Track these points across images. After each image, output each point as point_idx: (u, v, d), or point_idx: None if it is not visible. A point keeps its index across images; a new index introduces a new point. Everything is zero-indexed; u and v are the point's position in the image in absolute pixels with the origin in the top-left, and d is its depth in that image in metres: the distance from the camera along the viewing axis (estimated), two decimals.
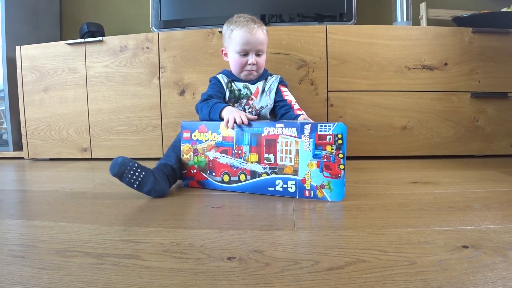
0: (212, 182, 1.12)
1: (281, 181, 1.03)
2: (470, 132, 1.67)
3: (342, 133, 0.97)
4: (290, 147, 1.02)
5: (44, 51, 1.81)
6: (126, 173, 1.00)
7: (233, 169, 1.09)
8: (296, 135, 1.01)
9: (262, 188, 1.06)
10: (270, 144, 1.05)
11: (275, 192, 1.04)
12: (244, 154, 1.08)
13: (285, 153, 1.03)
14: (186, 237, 0.73)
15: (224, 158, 1.10)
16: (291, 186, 1.02)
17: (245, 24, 1.29)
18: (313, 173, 1.00)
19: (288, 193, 1.03)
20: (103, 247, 0.69)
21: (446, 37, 1.63)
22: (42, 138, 1.84)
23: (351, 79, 1.63)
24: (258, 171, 1.06)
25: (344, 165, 0.97)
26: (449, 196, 1.02)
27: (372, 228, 0.77)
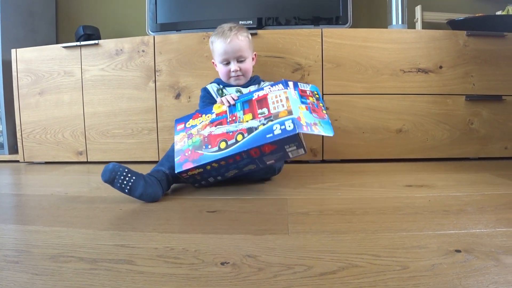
0: (208, 154, 1.08)
1: (278, 125, 1.02)
2: (465, 135, 1.68)
3: (317, 91, 1.20)
4: (280, 97, 1.09)
5: (40, 54, 1.80)
6: (117, 179, 1.01)
7: (229, 134, 1.08)
8: (282, 88, 1.11)
9: (261, 138, 1.02)
10: (261, 102, 1.11)
11: (274, 136, 1.01)
12: (239, 118, 1.10)
13: (276, 103, 1.08)
14: (180, 242, 0.74)
15: (219, 129, 1.11)
16: (289, 125, 1.01)
17: (221, 34, 1.34)
18: (304, 114, 1.06)
19: (287, 132, 1.00)
20: (97, 252, 0.69)
21: (441, 40, 1.64)
22: (38, 142, 1.84)
23: (346, 82, 1.64)
24: (254, 125, 1.06)
25: (326, 110, 1.16)
26: (443, 199, 1.02)
27: (365, 233, 0.77)
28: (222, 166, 1.10)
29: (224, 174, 1.15)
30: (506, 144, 1.69)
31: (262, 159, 1.09)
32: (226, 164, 1.09)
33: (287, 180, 1.31)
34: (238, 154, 1.05)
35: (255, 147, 1.03)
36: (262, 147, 1.03)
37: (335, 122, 1.65)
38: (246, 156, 1.06)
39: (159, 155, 1.72)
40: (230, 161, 1.07)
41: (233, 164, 1.09)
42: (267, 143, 1.01)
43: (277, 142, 1.02)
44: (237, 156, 1.05)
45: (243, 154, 1.05)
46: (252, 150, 1.04)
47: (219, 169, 1.11)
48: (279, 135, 1.00)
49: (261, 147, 1.03)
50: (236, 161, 1.08)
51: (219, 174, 1.15)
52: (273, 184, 1.25)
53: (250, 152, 1.04)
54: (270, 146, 1.03)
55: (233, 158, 1.06)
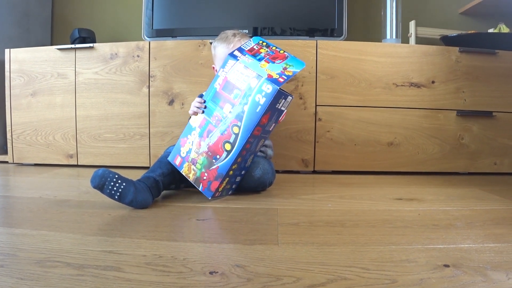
0: (223, 163, 1.07)
1: (259, 94, 1.02)
2: (455, 149, 1.70)
3: (261, 39, 1.16)
4: (239, 71, 1.07)
5: (34, 55, 1.79)
6: (106, 185, 0.99)
7: (225, 134, 1.07)
8: (234, 62, 1.09)
9: (254, 116, 1.02)
10: (227, 87, 1.09)
11: (263, 106, 1.01)
12: (221, 114, 1.09)
13: (241, 78, 1.07)
14: (169, 250, 0.73)
15: (213, 136, 1.10)
16: (267, 87, 1.01)
17: (224, 39, 1.34)
18: (269, 67, 1.05)
19: (271, 94, 1.00)
20: (85, 257, 0.68)
21: (434, 56, 1.66)
22: (28, 143, 1.82)
23: (340, 94, 1.65)
24: (239, 110, 1.05)
25: (282, 50, 1.13)
26: (432, 213, 1.03)
27: (355, 245, 0.77)
28: (240, 163, 1.10)
29: (245, 166, 1.15)
30: (495, 160, 1.71)
31: (266, 129, 1.10)
32: (243, 159, 1.10)
33: (278, 190, 1.31)
34: (247, 143, 1.06)
35: (255, 127, 1.04)
36: (260, 122, 1.04)
37: (327, 134, 1.65)
38: (253, 139, 1.07)
39: (151, 160, 1.72)
40: (243, 153, 1.08)
41: (247, 154, 1.10)
42: (262, 116, 1.02)
43: (269, 108, 1.03)
44: (247, 145, 1.06)
45: (250, 140, 1.06)
46: (256, 130, 1.05)
47: (239, 165, 1.11)
48: (266, 102, 1.01)
49: (260, 122, 1.03)
50: (248, 149, 1.09)
51: (241, 169, 1.14)
52: (264, 194, 1.25)
53: (254, 133, 1.05)
54: (266, 116, 1.04)
55: (245, 149, 1.07)
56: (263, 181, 1.24)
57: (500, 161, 1.72)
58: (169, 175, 1.16)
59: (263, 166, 1.24)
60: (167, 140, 1.70)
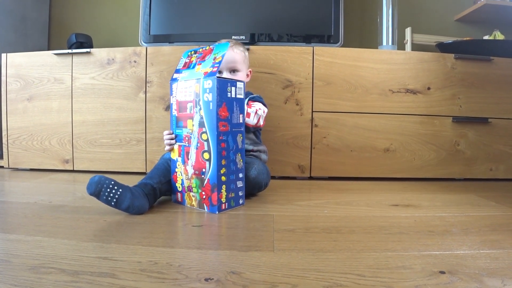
0: (211, 172, 1.06)
1: (205, 94, 1.05)
2: (451, 155, 1.70)
3: (190, 51, 1.21)
4: (183, 86, 1.13)
5: (31, 59, 1.79)
6: (103, 191, 0.99)
7: (199, 146, 1.08)
8: (176, 83, 1.16)
9: (210, 113, 1.05)
10: (182, 107, 1.14)
11: (213, 100, 1.03)
12: (189, 133, 1.11)
13: (187, 92, 1.12)
14: (164, 256, 0.73)
15: (191, 155, 1.11)
16: (208, 82, 1.05)
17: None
18: (203, 67, 1.10)
19: (214, 86, 1.03)
20: (79, 264, 0.68)
21: (430, 62, 1.67)
22: (24, 148, 1.81)
23: (336, 101, 1.66)
24: (198, 118, 1.08)
25: (208, 46, 1.16)
26: (428, 219, 1.03)
27: (351, 252, 0.77)
28: (227, 165, 1.08)
29: (238, 168, 1.12)
30: (491, 166, 1.72)
31: (234, 123, 1.10)
32: (227, 159, 1.08)
33: (274, 196, 1.31)
34: (219, 142, 1.05)
35: (217, 123, 1.04)
36: (220, 116, 1.04)
37: (323, 140, 1.66)
38: (224, 136, 1.06)
39: (147, 166, 1.71)
40: (224, 154, 1.06)
41: (230, 154, 1.09)
42: (217, 110, 1.04)
43: (220, 100, 1.04)
44: (221, 144, 1.06)
45: (220, 138, 1.05)
46: (220, 126, 1.05)
47: (229, 169, 1.09)
48: (214, 95, 1.03)
49: (219, 116, 1.04)
50: (226, 149, 1.07)
51: (236, 173, 1.12)
52: (260, 200, 1.25)
53: (221, 129, 1.05)
54: (222, 109, 1.05)
55: (222, 149, 1.06)
56: (258, 181, 1.23)
57: (496, 167, 1.73)
58: (166, 183, 1.16)
59: (258, 167, 1.24)
60: (164, 146, 1.68)
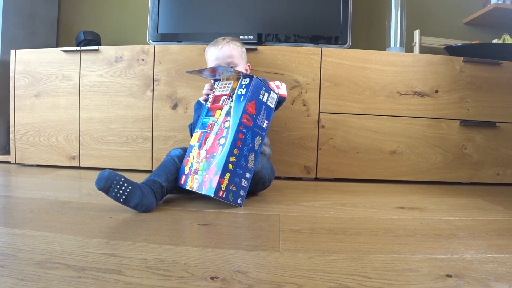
0: (220, 157, 1.08)
1: (241, 89, 1.14)
2: (458, 159, 1.69)
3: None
4: (223, 83, 1.25)
5: (39, 56, 1.80)
6: (112, 187, 0.99)
7: (219, 133, 1.12)
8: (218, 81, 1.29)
9: (239, 105, 1.11)
10: (216, 100, 1.22)
11: (245, 95, 1.12)
12: (214, 121, 1.17)
13: (225, 87, 1.23)
14: (170, 254, 0.73)
15: (209, 140, 1.14)
16: (245, 80, 1.15)
17: (214, 43, 1.41)
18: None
19: (249, 84, 1.13)
20: (85, 260, 0.68)
21: (438, 65, 1.67)
22: (31, 144, 1.82)
23: (343, 102, 1.65)
24: (227, 109, 1.15)
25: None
26: (435, 223, 1.02)
27: (357, 253, 0.77)
28: (239, 157, 1.09)
29: (247, 166, 1.13)
30: (498, 170, 1.71)
31: (257, 123, 1.14)
32: (239, 151, 1.09)
33: (280, 197, 1.31)
34: (238, 132, 1.09)
35: (242, 114, 1.10)
36: (246, 110, 1.11)
37: (330, 141, 1.65)
38: (244, 129, 1.10)
39: (153, 164, 1.72)
40: (238, 144, 1.09)
41: (244, 148, 1.10)
42: (246, 104, 1.10)
43: (251, 96, 1.12)
44: (239, 134, 1.09)
45: (240, 128, 1.09)
46: (243, 118, 1.10)
47: (239, 161, 1.10)
48: (247, 90, 1.12)
49: (246, 109, 1.11)
50: (243, 141, 1.10)
51: (244, 169, 1.12)
52: (265, 200, 1.25)
53: (244, 122, 1.10)
54: (250, 104, 1.12)
55: (239, 139, 1.09)
56: (262, 176, 1.23)
57: (503, 171, 1.72)
58: (173, 181, 1.16)
59: (261, 161, 1.24)
60: (170, 144, 1.70)
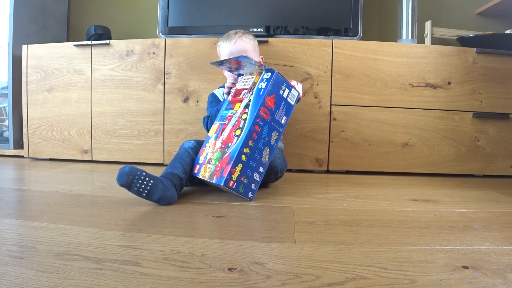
0: (234, 147, 1.08)
1: (261, 83, 1.14)
2: (471, 151, 1.68)
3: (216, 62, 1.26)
4: (246, 77, 1.25)
5: (51, 51, 1.81)
6: (134, 183, 0.99)
7: (236, 124, 1.13)
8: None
9: (258, 98, 1.11)
10: (238, 93, 1.22)
11: (265, 88, 1.11)
12: (233, 113, 1.17)
13: (247, 81, 1.23)
14: (187, 246, 0.73)
15: (226, 131, 1.15)
16: (267, 75, 1.15)
17: (226, 38, 1.41)
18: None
19: (269, 78, 1.12)
20: (103, 252, 0.69)
21: (450, 56, 1.65)
22: (44, 138, 1.84)
23: (355, 94, 1.64)
24: (246, 101, 1.15)
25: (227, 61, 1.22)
26: (449, 215, 1.02)
27: (372, 245, 0.76)
28: (253, 149, 1.09)
29: (261, 160, 1.12)
30: (511, 163, 1.69)
31: (275, 118, 1.13)
32: (254, 144, 1.09)
33: (292, 189, 1.31)
34: (255, 124, 1.09)
35: (260, 107, 1.10)
36: (265, 103, 1.11)
37: (342, 133, 1.65)
38: (261, 122, 1.10)
39: (165, 157, 1.72)
40: (254, 137, 1.09)
41: (259, 141, 1.10)
42: (265, 96, 1.10)
43: (271, 90, 1.12)
44: (256, 127, 1.09)
45: (257, 120, 1.09)
46: (261, 111, 1.10)
47: (253, 154, 1.09)
48: (267, 84, 1.12)
49: (264, 102, 1.10)
50: (258, 134, 1.10)
51: (258, 163, 1.11)
52: (278, 193, 1.25)
53: (261, 114, 1.10)
54: (269, 98, 1.12)
55: (255, 132, 1.09)
56: (274, 165, 1.23)
57: None
58: (189, 172, 1.17)
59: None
60: (182, 137, 1.70)
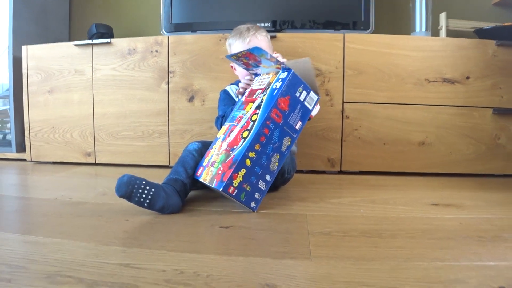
0: (238, 150, 0.98)
1: (276, 83, 1.05)
2: (491, 150, 1.59)
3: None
4: (262, 77, 1.16)
5: (51, 51, 1.76)
6: (134, 192, 0.93)
7: (245, 126, 1.02)
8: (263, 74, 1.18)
9: (271, 98, 1.01)
10: (252, 94, 1.13)
11: (280, 89, 1.01)
12: (243, 114, 1.07)
13: (262, 82, 1.13)
14: (191, 264, 0.67)
15: (233, 132, 1.05)
16: (283, 74, 1.05)
17: (239, 35, 1.30)
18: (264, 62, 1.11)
19: (285, 78, 1.03)
20: (99, 272, 0.63)
21: (469, 50, 1.56)
22: (46, 141, 1.79)
23: (368, 91, 1.56)
24: (258, 102, 1.05)
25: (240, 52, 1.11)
26: (474, 222, 0.94)
27: (396, 261, 0.69)
28: (260, 153, 0.99)
29: (269, 167, 1.02)
30: None
31: (288, 122, 1.03)
32: (262, 148, 0.99)
33: (304, 193, 1.24)
34: (264, 126, 0.99)
35: (272, 108, 1.00)
36: (278, 105, 1.00)
37: (355, 132, 1.57)
38: (272, 124, 1.00)
39: (170, 159, 1.66)
40: (262, 140, 0.99)
41: (268, 145, 1.00)
42: (278, 97, 1.00)
43: (286, 91, 1.02)
44: (265, 129, 0.99)
45: (267, 122, 0.99)
46: (273, 112, 1.00)
47: (259, 159, 0.99)
48: (282, 84, 1.02)
49: (277, 103, 1.00)
50: (268, 138, 0.99)
51: (264, 170, 1.00)
52: (290, 197, 1.18)
53: (272, 116, 1.00)
54: (283, 99, 1.01)
55: (263, 135, 0.99)
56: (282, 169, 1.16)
57: None
58: (192, 176, 1.09)
59: None
60: (187, 138, 1.64)
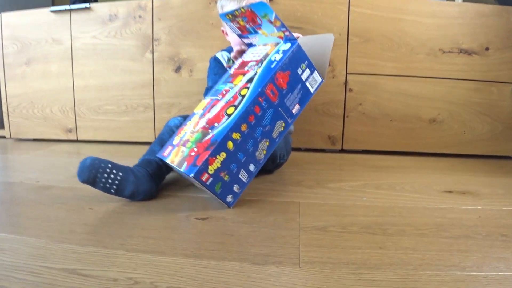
0: (220, 129, 0.80)
1: (275, 54, 0.87)
2: (509, 129, 1.44)
3: (227, 14, 0.92)
4: (258, 48, 0.96)
5: (27, 18, 1.60)
6: (99, 178, 0.80)
7: (230, 100, 0.84)
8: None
9: (268, 71, 0.84)
10: (243, 66, 0.94)
11: (279, 62, 0.84)
12: (230, 87, 0.89)
13: (258, 53, 0.93)
14: (150, 270, 0.54)
15: (215, 108, 0.86)
16: (286, 45, 0.87)
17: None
18: (265, 30, 0.90)
19: (288, 50, 0.85)
20: (36, 280, 0.51)
21: (489, 17, 1.39)
22: (25, 117, 1.66)
23: (375, 61, 1.41)
24: (251, 75, 0.87)
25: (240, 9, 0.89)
26: (495, 215, 0.81)
27: (405, 268, 0.56)
28: (247, 136, 0.82)
29: (255, 155, 0.85)
30: None
31: (285, 103, 0.86)
32: (249, 130, 0.82)
33: (300, 175, 1.11)
34: (256, 103, 0.82)
35: (268, 83, 0.83)
36: (275, 80, 0.84)
37: (359, 107, 1.43)
38: (265, 103, 0.83)
39: (156, 135, 1.53)
40: (251, 120, 0.81)
41: (257, 128, 0.83)
42: (276, 70, 0.84)
43: (286, 65, 0.85)
44: (256, 107, 0.82)
45: (260, 99, 0.82)
46: (268, 88, 0.83)
47: (244, 143, 0.82)
48: (283, 57, 0.85)
49: (274, 78, 0.83)
50: (258, 118, 0.82)
51: (248, 157, 0.83)
52: (283, 181, 1.05)
53: (267, 92, 0.83)
54: (282, 74, 0.85)
55: (253, 114, 0.81)
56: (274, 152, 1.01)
57: None
58: None
59: None
60: (174, 113, 1.51)
